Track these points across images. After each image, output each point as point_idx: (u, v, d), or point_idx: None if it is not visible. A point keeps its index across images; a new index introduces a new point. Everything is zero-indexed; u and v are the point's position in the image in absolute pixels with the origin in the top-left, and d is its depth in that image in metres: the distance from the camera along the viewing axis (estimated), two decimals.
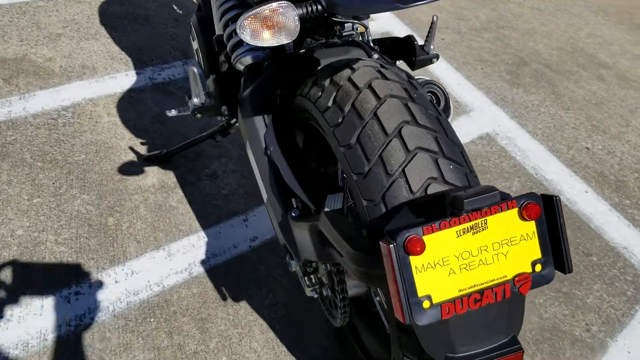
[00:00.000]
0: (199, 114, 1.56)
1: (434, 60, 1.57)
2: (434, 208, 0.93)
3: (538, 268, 0.92)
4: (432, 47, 1.57)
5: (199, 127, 2.24)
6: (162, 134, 2.18)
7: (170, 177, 1.99)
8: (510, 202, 0.89)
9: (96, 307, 1.54)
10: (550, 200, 0.90)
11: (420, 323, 0.84)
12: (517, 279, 0.90)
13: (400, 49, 1.60)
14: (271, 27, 0.91)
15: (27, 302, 1.52)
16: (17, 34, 2.57)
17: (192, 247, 1.75)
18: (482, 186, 0.89)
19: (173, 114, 1.77)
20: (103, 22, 2.82)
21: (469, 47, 3.33)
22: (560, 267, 0.92)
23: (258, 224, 1.88)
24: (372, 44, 1.54)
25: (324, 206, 1.15)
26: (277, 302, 1.65)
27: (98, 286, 1.58)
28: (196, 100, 1.54)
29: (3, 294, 1.53)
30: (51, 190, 1.84)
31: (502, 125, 2.67)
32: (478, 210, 0.86)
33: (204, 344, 1.51)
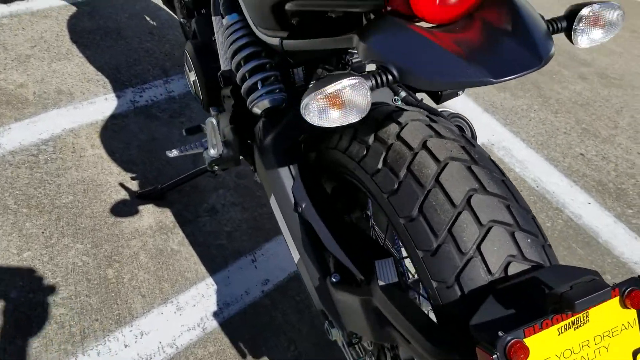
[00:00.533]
0: (216, 167, 1.41)
1: (459, 92, 1.46)
2: (522, 294, 0.82)
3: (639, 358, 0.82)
4: None
5: (190, 155, 2.08)
6: (152, 164, 2.02)
7: (167, 215, 1.83)
8: (613, 291, 0.78)
9: None
10: None
11: None
12: None
13: None
14: (341, 106, 0.78)
15: None
16: None
17: (201, 298, 1.60)
18: (585, 278, 0.78)
19: (174, 154, 1.61)
20: (74, 39, 2.61)
21: None
22: None
23: (267, 263, 1.74)
24: None
25: (376, 277, 1.03)
26: (300, 355, 1.52)
27: (107, 353, 1.42)
28: (213, 151, 1.38)
29: None
30: (41, 241, 1.67)
31: (496, 134, 2.59)
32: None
33: None
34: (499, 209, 0.90)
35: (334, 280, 1.14)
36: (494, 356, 0.72)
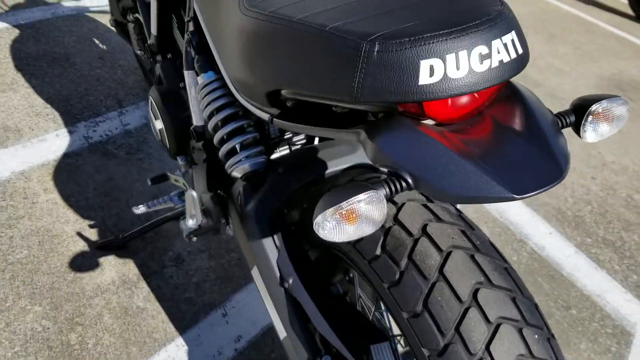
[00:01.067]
0: (194, 237, 1.32)
1: None
2: None
3: None
4: None
5: (151, 194, 1.97)
6: (111, 208, 1.90)
7: (131, 267, 1.73)
8: None
9: None
10: None
11: None
12: None
13: None
14: (356, 220, 0.72)
15: None
16: None
17: None
18: None
19: (141, 211, 1.52)
20: (19, 67, 2.44)
21: None
22: None
23: (239, 317, 1.66)
24: None
25: None
26: None
27: None
28: (192, 222, 1.29)
29: None
30: None
31: None
32: None
33: None
34: (505, 303, 0.87)
35: None
36: None
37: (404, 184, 0.74)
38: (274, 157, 1.28)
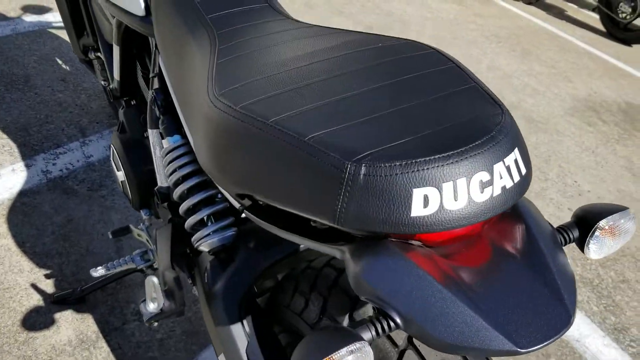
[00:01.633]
0: (156, 322, 1.19)
1: None
2: None
3: None
4: None
5: (113, 244, 1.84)
6: (69, 255, 1.76)
7: (89, 324, 1.59)
8: None
9: None
10: None
11: None
12: None
13: None
14: None
15: None
16: None
17: None
18: None
19: (100, 273, 1.39)
20: None
21: None
22: None
23: None
24: None
25: None
26: None
27: None
28: (153, 306, 1.16)
29: None
30: None
31: None
32: None
33: None
34: None
35: None
36: None
37: (392, 325, 0.63)
38: (244, 228, 1.16)
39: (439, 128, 0.66)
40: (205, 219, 1.12)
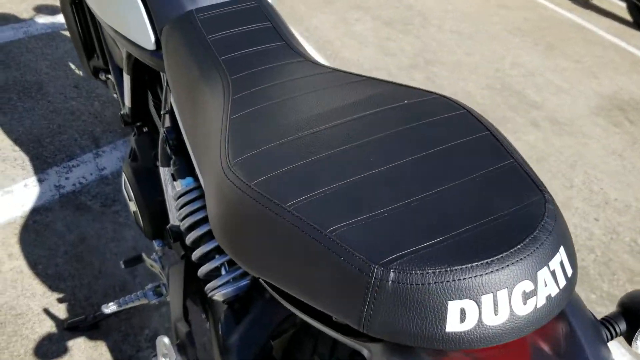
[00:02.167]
0: None
1: None
2: None
3: None
4: None
5: (128, 256, 1.79)
6: (82, 277, 1.71)
7: (103, 351, 1.55)
8: None
9: None
10: None
11: None
12: None
13: None
14: None
15: None
16: None
17: None
18: None
19: (111, 309, 1.34)
20: None
21: None
22: None
23: None
24: None
25: None
26: None
27: None
28: None
29: None
30: None
31: None
32: None
33: None
34: None
35: None
36: None
37: None
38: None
39: (475, 225, 0.59)
40: (219, 266, 1.07)
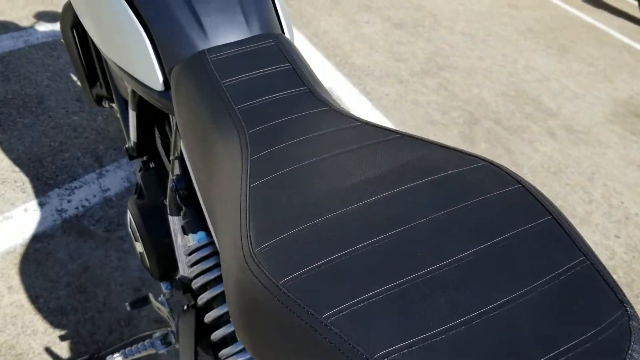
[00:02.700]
0: None
1: None
2: None
3: None
4: None
5: (133, 287, 1.70)
6: (86, 311, 1.62)
7: None
8: None
9: None
10: None
11: None
12: None
13: None
14: None
15: None
16: None
17: None
18: None
19: None
20: None
21: (415, 103, 2.91)
22: None
23: None
24: None
25: None
26: None
27: None
28: None
29: None
30: None
31: None
32: None
33: None
34: None
35: None
36: None
37: None
38: None
39: (550, 356, 0.49)
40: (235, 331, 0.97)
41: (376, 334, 0.52)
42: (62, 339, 1.55)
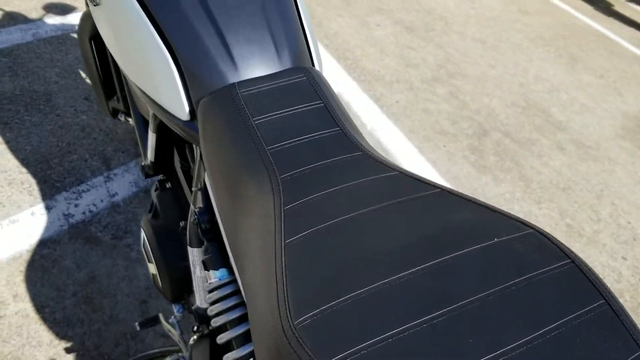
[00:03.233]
0: None
1: None
2: None
3: None
4: None
5: (140, 299, 1.67)
6: (92, 323, 1.60)
7: None
8: None
9: None
10: None
11: None
12: None
13: None
14: None
15: None
16: None
17: None
18: None
19: None
20: None
21: (425, 111, 2.88)
22: None
23: None
24: None
25: None
26: None
27: None
28: None
29: None
30: None
31: None
32: None
33: None
34: None
35: None
36: None
37: None
38: None
39: None
40: None
41: None
42: (68, 351, 1.52)
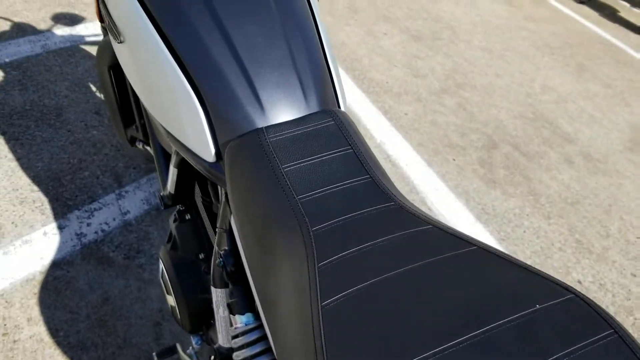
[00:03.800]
0: None
1: None
2: None
3: None
4: None
5: (153, 321, 1.66)
6: (106, 347, 1.59)
7: None
8: None
9: None
10: None
11: None
12: None
13: None
14: None
15: None
16: None
17: None
18: None
19: None
20: (1, 128, 2.07)
21: (434, 123, 2.87)
22: None
23: None
24: None
25: None
26: None
27: None
28: None
29: None
30: None
31: None
32: None
33: None
34: None
35: None
36: None
37: None
38: None
39: None
40: None
41: None
42: None
